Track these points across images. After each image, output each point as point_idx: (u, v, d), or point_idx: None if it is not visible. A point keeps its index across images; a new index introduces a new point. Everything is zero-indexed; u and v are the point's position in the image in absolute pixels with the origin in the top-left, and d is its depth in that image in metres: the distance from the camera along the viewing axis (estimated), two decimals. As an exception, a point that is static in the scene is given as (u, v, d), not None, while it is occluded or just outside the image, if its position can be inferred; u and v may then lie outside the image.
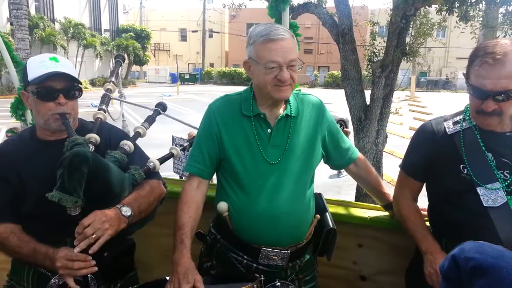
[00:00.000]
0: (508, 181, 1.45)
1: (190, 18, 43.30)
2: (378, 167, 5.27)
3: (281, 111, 1.57)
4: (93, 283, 1.52)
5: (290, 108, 1.58)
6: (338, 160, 1.73)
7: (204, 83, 39.51)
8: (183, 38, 45.96)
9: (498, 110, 1.40)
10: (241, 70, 38.59)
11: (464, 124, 1.54)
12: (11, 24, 18.10)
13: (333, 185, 8.17)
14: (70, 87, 1.54)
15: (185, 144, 1.97)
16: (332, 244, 1.66)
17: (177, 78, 36.32)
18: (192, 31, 42.66)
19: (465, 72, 1.47)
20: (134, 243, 1.65)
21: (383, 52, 5.09)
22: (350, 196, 6.34)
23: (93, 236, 1.35)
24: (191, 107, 18.77)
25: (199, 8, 42.86)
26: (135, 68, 38.48)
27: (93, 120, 1.72)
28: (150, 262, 2.10)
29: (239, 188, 1.55)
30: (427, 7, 4.79)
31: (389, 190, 1.84)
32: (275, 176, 1.53)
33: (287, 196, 1.52)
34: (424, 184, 1.68)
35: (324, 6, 5.36)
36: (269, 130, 1.55)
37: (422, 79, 36.57)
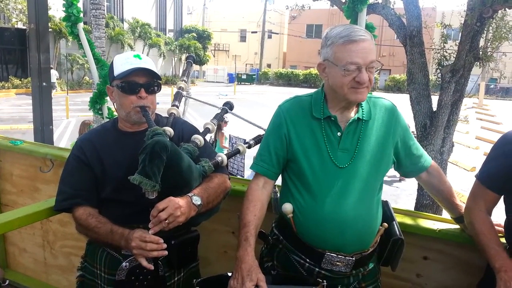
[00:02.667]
0: None
1: (250, 19, 43.89)
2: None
3: (353, 114, 1.53)
4: (160, 268, 1.60)
5: (362, 111, 1.54)
6: (409, 167, 1.66)
7: (260, 83, 39.82)
8: (243, 38, 46.68)
9: None
10: (298, 71, 38.46)
11: None
12: (85, 23, 19.37)
13: (390, 193, 7.87)
14: (150, 82, 1.63)
15: (251, 142, 1.99)
16: (399, 255, 1.60)
17: (234, 78, 36.97)
18: (252, 32, 43.23)
19: None
20: (198, 234, 1.71)
21: (454, 56, 4.80)
22: (408, 206, 6.08)
23: (166, 221, 1.41)
24: (245, 105, 19.02)
25: (260, 10, 43.31)
26: (195, 67, 39.49)
27: (167, 115, 1.83)
28: (207, 257, 2.15)
29: (305, 190, 1.53)
30: (507, 9, 4.44)
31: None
32: (343, 180, 1.49)
33: (354, 201, 1.49)
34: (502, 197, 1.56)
35: (391, 7, 5.17)
36: (339, 134, 1.52)
37: (492, 86, 34.26)
